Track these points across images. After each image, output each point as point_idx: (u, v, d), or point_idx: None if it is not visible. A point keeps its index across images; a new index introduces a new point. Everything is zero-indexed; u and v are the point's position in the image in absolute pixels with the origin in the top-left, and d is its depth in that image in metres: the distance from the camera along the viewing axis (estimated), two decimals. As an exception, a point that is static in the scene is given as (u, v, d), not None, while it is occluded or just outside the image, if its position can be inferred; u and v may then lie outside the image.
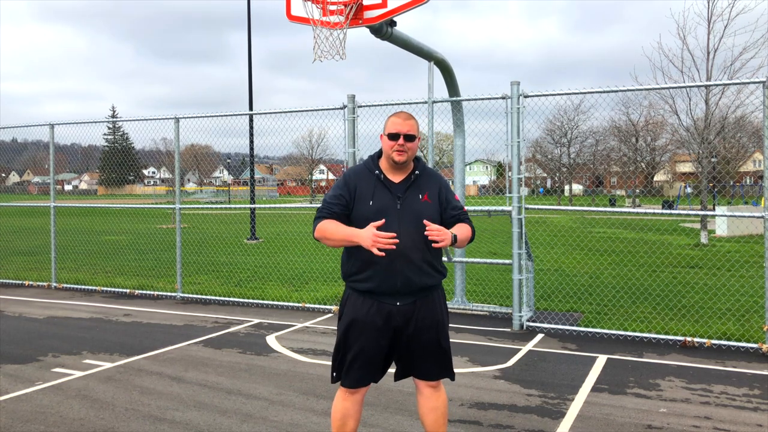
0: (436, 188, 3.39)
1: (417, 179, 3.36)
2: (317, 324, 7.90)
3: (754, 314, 7.91)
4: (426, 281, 3.32)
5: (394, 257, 3.20)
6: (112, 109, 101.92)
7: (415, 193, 3.33)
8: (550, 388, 5.32)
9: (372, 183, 3.34)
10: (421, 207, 3.30)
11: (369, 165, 3.41)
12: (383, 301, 3.29)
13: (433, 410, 3.48)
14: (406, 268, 3.24)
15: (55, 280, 10.88)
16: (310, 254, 15.15)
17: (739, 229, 20.24)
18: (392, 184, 3.33)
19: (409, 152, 3.30)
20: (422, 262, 3.28)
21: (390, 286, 3.25)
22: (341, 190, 3.36)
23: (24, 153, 66.08)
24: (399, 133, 3.27)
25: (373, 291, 3.29)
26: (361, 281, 3.31)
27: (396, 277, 3.24)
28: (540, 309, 8.38)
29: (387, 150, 3.32)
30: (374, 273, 3.25)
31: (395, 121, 3.31)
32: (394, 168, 3.35)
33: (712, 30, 15.89)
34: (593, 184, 52.70)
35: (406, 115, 3.35)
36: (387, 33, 6.84)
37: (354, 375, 3.35)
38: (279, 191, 66.66)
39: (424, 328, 3.34)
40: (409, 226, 3.24)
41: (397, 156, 3.28)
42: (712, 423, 4.54)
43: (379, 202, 3.28)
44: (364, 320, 3.30)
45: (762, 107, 6.40)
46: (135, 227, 23.57)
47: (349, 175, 3.41)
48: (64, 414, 4.74)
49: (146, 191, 51.94)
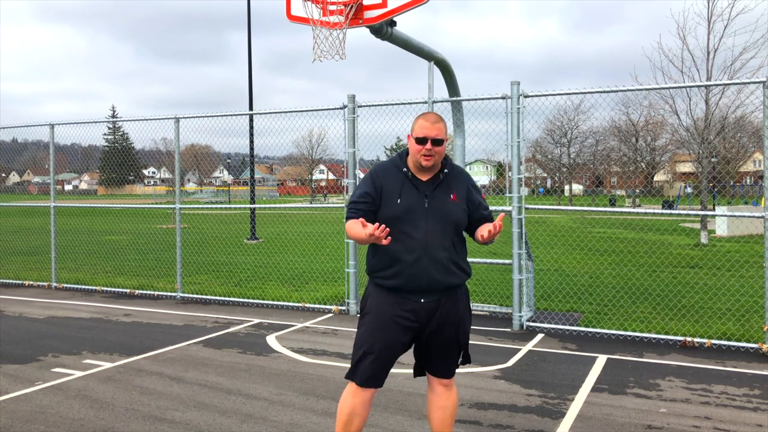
0: (464, 188, 3.36)
1: (446, 178, 3.32)
2: (317, 324, 7.90)
3: (754, 314, 7.91)
4: (451, 280, 3.29)
5: (420, 255, 3.19)
6: (112, 109, 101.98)
7: (443, 192, 3.30)
8: (550, 388, 5.32)
9: (400, 181, 3.29)
10: (449, 206, 3.28)
11: (397, 162, 3.36)
12: (408, 298, 3.27)
13: (442, 408, 3.46)
14: (432, 267, 3.21)
15: (55, 280, 10.88)
16: (310, 254, 15.15)
17: (739, 229, 20.24)
18: (420, 182, 3.29)
19: (437, 156, 3.24)
20: (448, 261, 3.26)
21: (416, 283, 3.23)
22: (368, 188, 3.29)
23: (24, 153, 66.15)
24: (427, 138, 3.19)
25: (398, 288, 3.26)
26: (387, 278, 3.27)
27: (422, 275, 3.21)
28: (540, 309, 8.38)
29: (414, 153, 3.26)
30: (400, 270, 3.22)
31: (423, 124, 3.22)
32: (422, 168, 3.30)
33: (712, 30, 15.91)
34: (593, 184, 52.71)
35: (435, 117, 3.26)
36: (387, 33, 6.84)
37: (368, 372, 3.29)
38: (279, 191, 66.67)
39: (445, 324, 3.32)
40: (436, 225, 3.21)
41: (424, 161, 3.23)
42: (712, 423, 4.54)
43: (406, 200, 3.23)
44: (389, 316, 3.27)
45: (762, 107, 6.40)
46: (135, 227, 23.58)
47: (376, 172, 3.35)
48: (64, 414, 4.74)
49: (146, 191, 51.94)
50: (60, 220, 11.63)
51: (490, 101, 7.82)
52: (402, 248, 3.20)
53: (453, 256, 3.28)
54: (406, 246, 3.20)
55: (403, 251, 3.20)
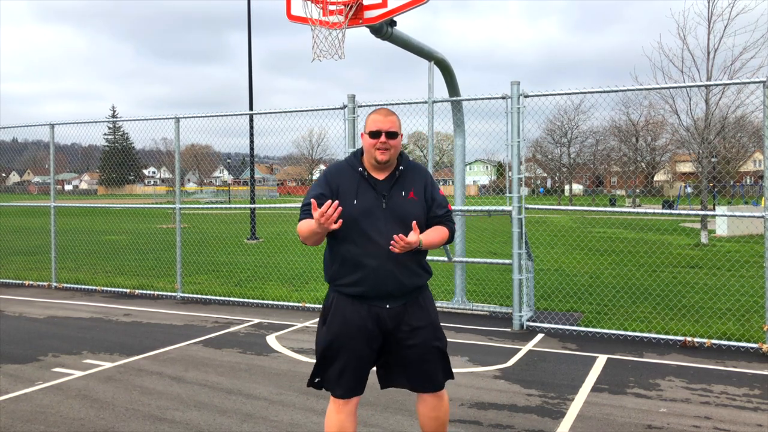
0: (421, 184, 3.25)
1: (402, 176, 3.22)
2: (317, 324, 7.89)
3: (754, 314, 7.91)
4: (416, 282, 3.20)
5: (384, 260, 3.07)
6: (112, 109, 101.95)
7: (400, 190, 3.18)
8: (550, 388, 5.32)
9: (355, 181, 3.17)
10: (408, 206, 3.17)
11: (352, 162, 3.25)
12: (373, 304, 3.15)
13: (434, 419, 3.34)
14: (397, 270, 3.11)
15: (55, 280, 10.88)
16: (310, 254, 15.15)
17: (739, 229, 20.24)
18: (376, 181, 3.18)
19: (392, 150, 3.14)
20: (413, 263, 3.17)
21: (382, 289, 3.11)
22: (322, 189, 3.17)
23: (24, 153, 66.12)
24: (380, 131, 3.12)
25: (364, 295, 3.13)
26: (350, 285, 3.14)
27: (387, 280, 3.10)
28: (540, 309, 8.38)
29: (369, 149, 3.16)
30: (364, 276, 3.10)
31: (376, 118, 3.15)
32: (378, 166, 3.19)
33: (712, 30, 15.91)
34: (593, 184, 52.71)
35: (386, 111, 3.20)
36: (387, 33, 6.84)
37: (347, 384, 3.18)
38: (279, 191, 66.66)
39: (418, 330, 3.20)
40: (396, 225, 3.09)
41: (379, 155, 3.13)
42: (712, 423, 4.54)
43: (363, 201, 3.12)
44: (355, 326, 3.14)
45: (762, 107, 6.40)
46: (135, 227, 23.58)
47: (330, 173, 3.24)
48: (64, 414, 4.74)
49: (146, 191, 51.93)
50: (60, 220, 11.64)
51: (490, 101, 7.82)
52: (364, 253, 3.08)
53: (417, 257, 3.18)
54: (367, 251, 3.07)
55: (366, 256, 3.08)
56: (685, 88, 15.50)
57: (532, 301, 8.02)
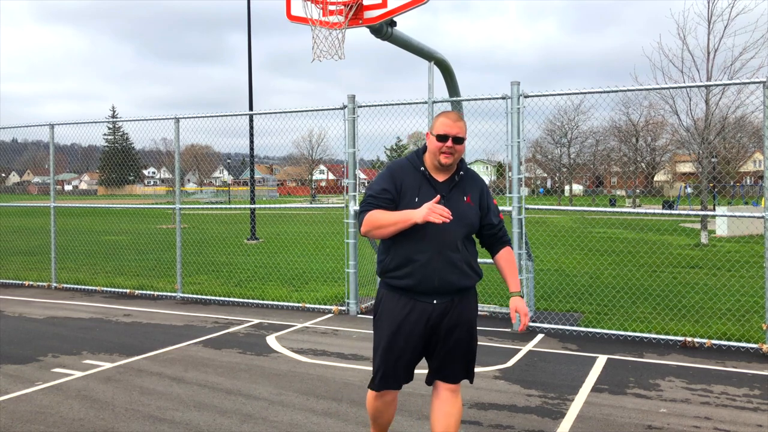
0: (478, 191, 3.37)
1: (461, 180, 3.33)
2: (317, 324, 7.90)
3: (754, 314, 7.91)
4: (464, 282, 3.28)
5: (433, 255, 3.18)
6: (112, 109, 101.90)
7: (458, 194, 3.29)
8: (550, 389, 5.32)
9: (417, 180, 3.27)
10: (464, 208, 3.27)
11: (414, 161, 3.34)
12: (420, 300, 3.25)
13: (447, 415, 3.36)
14: (445, 267, 3.20)
15: (55, 280, 10.88)
16: (310, 254, 15.15)
17: (739, 229, 20.23)
18: (437, 182, 3.28)
19: (456, 154, 3.24)
20: (461, 262, 3.26)
21: (428, 284, 3.21)
22: (387, 184, 3.27)
23: (24, 153, 66.11)
24: (448, 135, 3.19)
25: (411, 288, 3.24)
26: (399, 278, 3.25)
27: (434, 275, 3.19)
28: (540, 309, 8.38)
29: (434, 150, 3.24)
30: (413, 270, 3.20)
31: (445, 122, 3.22)
32: (438, 168, 3.29)
33: (712, 30, 15.91)
34: (593, 184, 52.72)
35: (456, 116, 3.27)
36: (387, 33, 6.84)
37: (394, 376, 3.32)
38: (279, 191, 66.65)
39: (457, 327, 3.30)
40: (451, 225, 3.16)
41: (444, 158, 3.21)
42: (712, 423, 4.54)
43: (424, 199, 3.19)
44: (402, 320, 3.25)
45: (762, 107, 6.40)
46: (135, 227, 23.57)
47: (394, 169, 3.33)
48: (64, 414, 4.74)
49: (146, 191, 51.96)
50: (60, 220, 11.63)
51: (490, 101, 7.82)
52: (416, 248, 3.19)
53: (465, 257, 3.27)
54: (419, 246, 3.18)
55: (417, 251, 3.19)
56: (685, 88, 15.50)
57: (533, 301, 8.02)
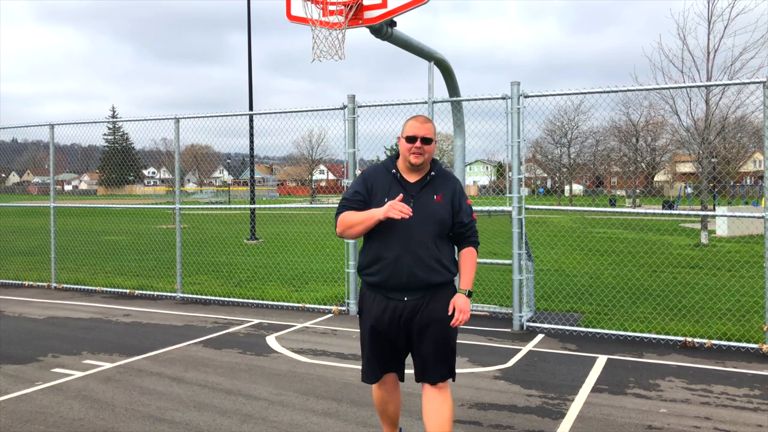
0: (450, 191, 3.47)
1: (432, 180, 3.46)
2: (317, 324, 7.89)
3: (754, 314, 7.90)
4: (433, 278, 3.38)
5: (401, 252, 3.32)
6: (112, 109, 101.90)
7: (429, 193, 3.42)
8: (551, 389, 5.32)
9: (388, 181, 3.44)
10: (434, 207, 3.39)
11: (387, 164, 3.52)
12: (391, 297, 3.40)
13: (437, 413, 3.42)
14: (413, 264, 3.32)
15: (55, 280, 10.88)
16: (310, 254, 15.15)
17: (739, 229, 20.22)
18: (408, 183, 3.44)
19: (426, 155, 3.39)
20: (430, 259, 3.36)
21: (397, 280, 3.35)
22: (359, 187, 3.47)
23: (24, 153, 66.12)
24: (416, 136, 3.36)
25: (382, 285, 3.40)
26: (371, 274, 3.43)
27: (402, 271, 3.33)
28: (540, 309, 8.38)
29: (404, 152, 3.41)
30: (383, 267, 3.36)
31: (413, 124, 3.40)
32: (411, 169, 3.44)
33: (712, 30, 15.90)
34: (593, 185, 52.72)
35: (423, 118, 3.44)
36: (387, 33, 6.84)
37: (371, 369, 3.53)
38: (279, 191, 66.65)
39: (431, 324, 3.39)
40: (419, 224, 3.32)
41: (413, 158, 3.38)
42: (712, 423, 4.53)
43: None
44: (375, 316, 3.43)
45: (762, 107, 6.40)
46: (135, 227, 23.57)
47: (367, 174, 3.54)
48: (64, 414, 4.74)
49: (146, 191, 51.96)
50: (60, 220, 11.63)
51: (490, 101, 7.82)
52: (385, 246, 3.36)
53: (435, 254, 3.38)
54: (389, 244, 3.34)
55: (386, 249, 3.35)
56: (685, 88, 15.49)
57: (532, 301, 8.01)
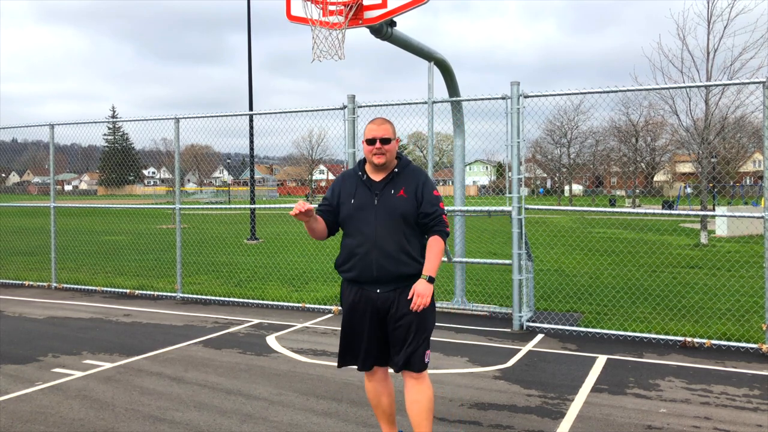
0: (413, 184, 3.61)
1: (395, 177, 3.64)
2: (317, 324, 7.90)
3: (754, 314, 7.91)
4: (402, 270, 3.53)
5: (370, 247, 3.53)
6: (112, 109, 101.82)
7: (391, 189, 3.60)
8: (550, 389, 5.32)
9: (354, 184, 3.67)
10: (395, 201, 3.56)
11: (356, 168, 3.75)
12: (365, 289, 3.60)
13: (415, 402, 3.58)
14: (381, 258, 3.51)
15: (55, 280, 10.88)
16: (310, 254, 15.15)
17: (739, 229, 20.23)
18: (372, 182, 3.64)
19: (387, 154, 3.58)
20: (398, 252, 3.52)
21: (368, 274, 3.54)
22: (328, 194, 3.75)
23: (24, 153, 66.13)
24: (375, 138, 3.56)
25: (356, 280, 3.61)
26: (346, 271, 3.65)
27: (372, 265, 3.52)
28: (540, 309, 8.38)
29: (367, 154, 3.62)
30: (355, 263, 3.57)
31: (371, 127, 3.60)
32: (376, 169, 3.63)
33: (711, 30, 15.91)
34: (593, 185, 52.74)
35: (381, 120, 3.65)
36: (387, 33, 6.84)
37: (354, 358, 3.69)
38: (279, 191, 66.67)
39: (403, 316, 3.53)
40: (383, 218, 3.53)
41: (376, 159, 3.58)
42: (712, 423, 4.54)
43: (359, 199, 3.60)
44: (352, 307, 3.64)
45: (762, 107, 6.40)
46: (135, 227, 23.57)
47: (337, 180, 3.78)
48: (64, 414, 4.74)
49: (146, 191, 51.95)
50: (60, 220, 11.64)
51: (490, 101, 7.82)
52: (356, 243, 3.57)
53: (404, 246, 3.53)
54: (358, 241, 3.56)
55: (356, 246, 3.57)
56: (684, 88, 15.49)
57: (532, 301, 8.02)
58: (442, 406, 4.85)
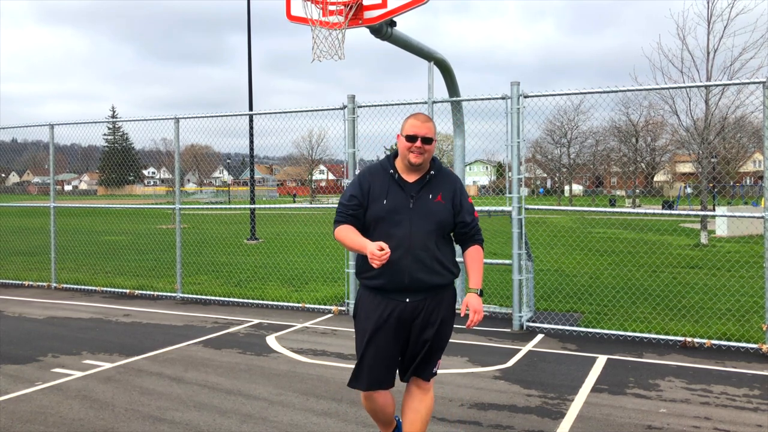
0: (450, 190, 3.39)
1: (432, 179, 3.37)
2: (317, 324, 7.90)
3: (754, 314, 7.91)
4: (435, 280, 3.33)
5: (402, 254, 3.22)
6: (112, 109, 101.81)
7: (428, 193, 3.34)
8: (550, 389, 5.32)
9: (386, 182, 3.34)
10: (434, 207, 3.31)
11: (385, 164, 3.42)
12: (393, 298, 3.31)
13: (414, 411, 3.47)
14: (415, 266, 3.25)
15: (55, 280, 10.88)
16: (310, 254, 15.14)
17: (739, 229, 20.22)
18: (406, 183, 3.34)
19: (426, 154, 3.30)
20: (432, 261, 3.30)
21: (398, 283, 3.26)
22: (355, 190, 3.37)
23: (24, 153, 66.15)
24: (417, 136, 3.26)
25: (383, 288, 3.31)
26: (372, 278, 3.32)
27: (403, 274, 3.25)
28: (540, 309, 8.38)
29: (403, 151, 3.31)
30: (384, 270, 3.23)
31: (414, 123, 3.29)
32: (409, 168, 3.35)
33: (711, 30, 15.90)
34: (593, 185, 52.72)
35: (424, 117, 3.34)
36: (387, 33, 6.84)
37: (370, 377, 3.35)
38: (279, 191, 66.66)
39: (428, 326, 3.35)
40: (420, 224, 3.26)
41: (413, 158, 3.28)
42: (712, 423, 4.54)
43: (392, 201, 3.29)
44: (378, 319, 3.31)
45: (762, 107, 6.40)
46: (135, 227, 23.56)
47: (363, 175, 3.42)
48: (64, 414, 4.74)
49: (146, 191, 51.95)
50: (60, 220, 11.63)
51: (490, 101, 7.82)
52: None
53: (437, 255, 3.31)
54: (389, 246, 3.19)
55: None
56: (684, 88, 15.50)
57: (532, 301, 8.02)
58: (442, 406, 4.85)
